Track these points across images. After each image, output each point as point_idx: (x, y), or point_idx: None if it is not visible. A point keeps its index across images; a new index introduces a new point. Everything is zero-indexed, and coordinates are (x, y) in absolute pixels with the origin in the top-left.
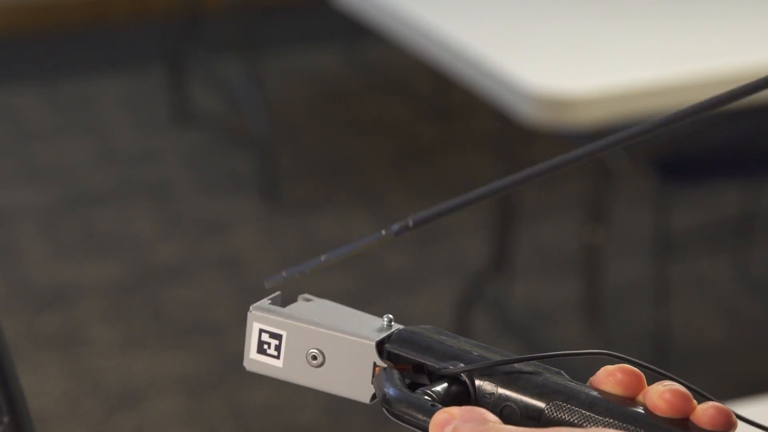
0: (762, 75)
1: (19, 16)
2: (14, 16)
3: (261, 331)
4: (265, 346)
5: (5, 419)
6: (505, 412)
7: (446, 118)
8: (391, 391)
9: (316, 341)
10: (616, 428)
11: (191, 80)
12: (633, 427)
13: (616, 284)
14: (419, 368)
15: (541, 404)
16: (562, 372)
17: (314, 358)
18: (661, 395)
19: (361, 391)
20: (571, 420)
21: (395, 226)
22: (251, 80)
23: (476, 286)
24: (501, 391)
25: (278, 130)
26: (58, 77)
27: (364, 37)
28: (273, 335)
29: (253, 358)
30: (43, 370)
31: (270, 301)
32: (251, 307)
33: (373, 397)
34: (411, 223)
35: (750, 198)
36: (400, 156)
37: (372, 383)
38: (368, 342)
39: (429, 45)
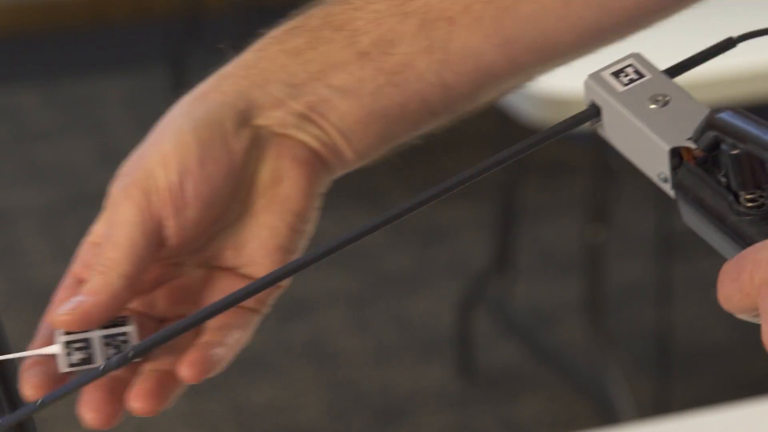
0: (763, 75)
1: (20, 16)
2: (15, 15)
3: (619, 71)
4: (621, 74)
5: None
6: None
7: None
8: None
9: (663, 88)
10: None
11: (193, 80)
12: None
13: (618, 284)
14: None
15: None
16: None
17: (658, 100)
18: None
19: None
20: None
21: (113, 360)
22: None
23: (478, 286)
24: None
25: None
26: (59, 77)
27: None
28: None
29: (604, 76)
30: None
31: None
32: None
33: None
34: (131, 354)
35: None
36: (402, 155)
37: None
38: (705, 109)
39: None
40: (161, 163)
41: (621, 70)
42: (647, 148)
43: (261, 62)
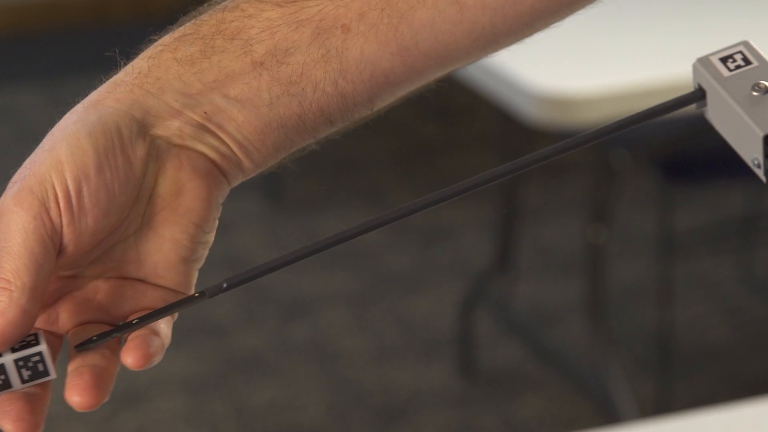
0: None
1: (22, 15)
2: (17, 15)
3: (727, 56)
4: (729, 60)
5: None
6: None
7: (449, 117)
8: None
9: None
10: None
11: None
12: None
13: (619, 284)
14: None
15: None
16: None
17: (759, 88)
18: None
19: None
20: None
21: (212, 289)
22: None
23: (479, 286)
24: None
25: None
26: (61, 76)
27: None
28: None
29: (712, 60)
30: None
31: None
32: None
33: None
34: (225, 285)
35: (754, 198)
36: (403, 155)
37: None
38: None
39: None
40: (56, 168)
41: (729, 56)
42: (744, 133)
43: (154, 71)
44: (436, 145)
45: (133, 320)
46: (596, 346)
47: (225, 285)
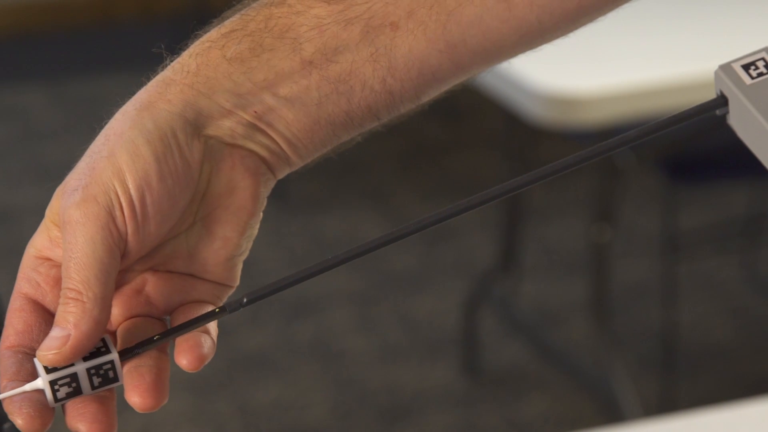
0: None
1: (27, 15)
2: (21, 14)
3: (750, 63)
4: (752, 67)
5: None
6: None
7: (454, 117)
8: None
9: None
10: None
11: None
12: None
13: (623, 284)
14: None
15: None
16: None
17: None
18: None
19: None
20: None
21: (232, 304)
22: None
23: (483, 286)
24: None
25: None
26: (65, 76)
27: None
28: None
29: (733, 67)
30: None
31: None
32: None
33: None
34: (245, 300)
35: (758, 198)
36: (408, 155)
37: None
38: None
39: None
40: (119, 177)
41: (752, 63)
42: (767, 142)
43: (203, 69)
44: (441, 144)
45: (154, 336)
46: (600, 345)
47: (245, 300)
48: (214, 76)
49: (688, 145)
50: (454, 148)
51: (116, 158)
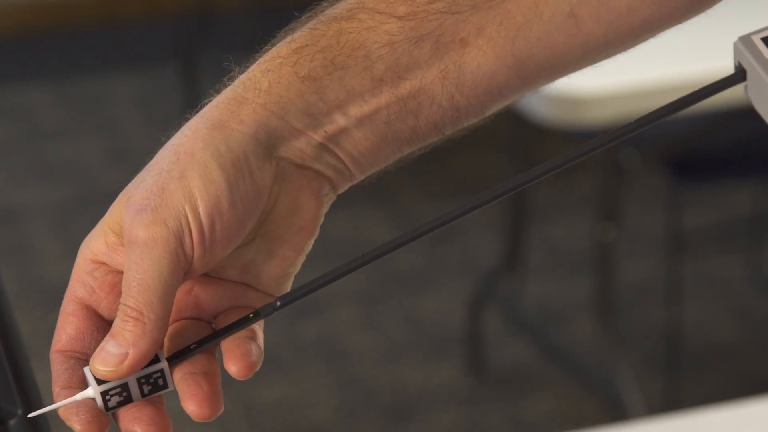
0: None
1: (32, 14)
2: (27, 14)
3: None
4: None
5: (19, 411)
6: None
7: None
8: None
9: None
10: None
11: (204, 79)
12: None
13: (628, 283)
14: None
15: None
16: None
17: None
18: None
19: None
20: None
21: (264, 309)
22: None
23: (488, 285)
24: None
25: None
26: (70, 75)
27: None
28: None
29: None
30: None
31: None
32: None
33: None
34: (278, 303)
35: (763, 197)
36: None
37: None
38: None
39: None
40: (190, 202)
41: None
42: None
43: (275, 87)
44: (445, 144)
45: (191, 345)
46: (605, 344)
47: (278, 303)
48: (287, 95)
49: (692, 144)
50: (460, 147)
51: (188, 181)
